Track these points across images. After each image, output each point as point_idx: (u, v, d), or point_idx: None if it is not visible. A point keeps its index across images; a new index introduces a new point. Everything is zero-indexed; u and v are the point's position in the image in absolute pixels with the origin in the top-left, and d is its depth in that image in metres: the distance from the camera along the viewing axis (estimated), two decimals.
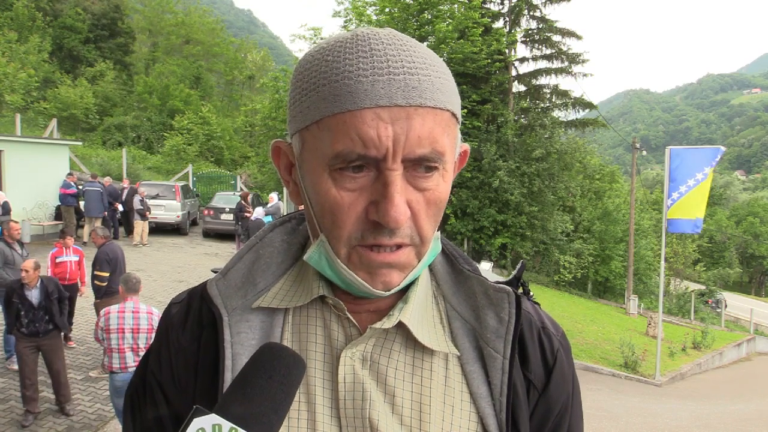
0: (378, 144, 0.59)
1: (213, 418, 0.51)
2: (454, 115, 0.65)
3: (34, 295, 5.37)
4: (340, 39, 0.65)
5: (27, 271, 5.36)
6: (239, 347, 0.71)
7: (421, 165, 0.62)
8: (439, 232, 0.71)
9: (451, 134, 0.64)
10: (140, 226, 15.10)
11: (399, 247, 0.64)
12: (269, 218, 13.24)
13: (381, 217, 0.61)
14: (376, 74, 0.60)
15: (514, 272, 0.81)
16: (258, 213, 13.45)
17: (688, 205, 10.66)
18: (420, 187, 0.63)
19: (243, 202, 14.92)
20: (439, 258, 0.79)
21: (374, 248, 0.64)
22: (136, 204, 14.92)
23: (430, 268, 0.79)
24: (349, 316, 0.71)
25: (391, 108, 0.59)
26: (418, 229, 0.64)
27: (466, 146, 0.74)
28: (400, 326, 0.71)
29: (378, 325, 0.70)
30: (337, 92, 0.60)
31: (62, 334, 5.79)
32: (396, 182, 0.60)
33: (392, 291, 0.67)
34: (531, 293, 0.83)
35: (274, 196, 15.03)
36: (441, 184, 0.65)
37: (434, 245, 0.70)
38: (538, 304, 0.82)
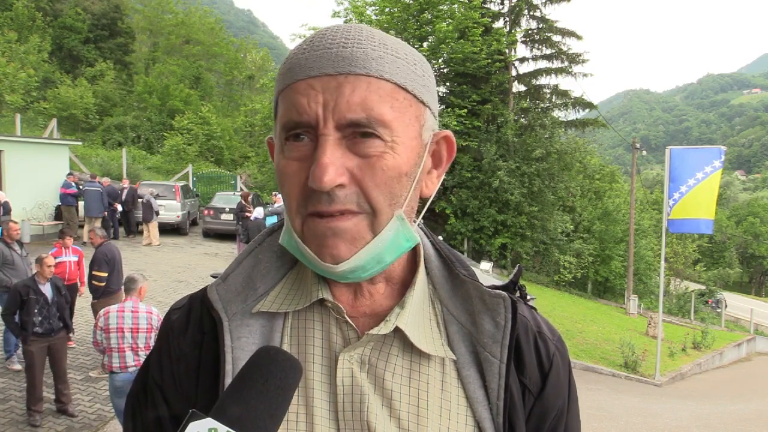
0: (308, 110, 0.63)
1: (209, 422, 0.51)
2: (403, 89, 0.65)
3: (47, 290, 5.38)
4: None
5: (52, 265, 5.40)
6: (240, 352, 0.72)
7: (357, 131, 0.63)
8: (402, 210, 0.67)
9: (399, 108, 0.65)
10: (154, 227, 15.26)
11: (343, 213, 0.64)
12: (273, 218, 13.20)
13: (311, 181, 0.62)
14: (312, 50, 0.65)
15: (510, 276, 0.81)
16: (258, 213, 13.43)
17: (690, 205, 10.63)
18: (361, 153, 0.64)
19: (243, 201, 14.92)
20: (435, 262, 0.79)
21: (320, 216, 0.64)
22: (155, 204, 15.07)
23: (427, 271, 0.78)
24: (348, 319, 0.71)
25: (321, 77, 0.63)
26: (365, 195, 0.64)
27: (448, 132, 0.74)
28: (397, 331, 0.71)
29: (374, 331, 0.70)
30: (283, 71, 0.67)
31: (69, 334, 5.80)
32: (324, 145, 0.62)
33: (344, 267, 0.64)
34: (528, 297, 0.83)
35: (279, 197, 14.93)
36: (389, 154, 0.64)
37: (401, 227, 0.67)
38: (535, 308, 0.82)
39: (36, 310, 5.27)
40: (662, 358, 12.53)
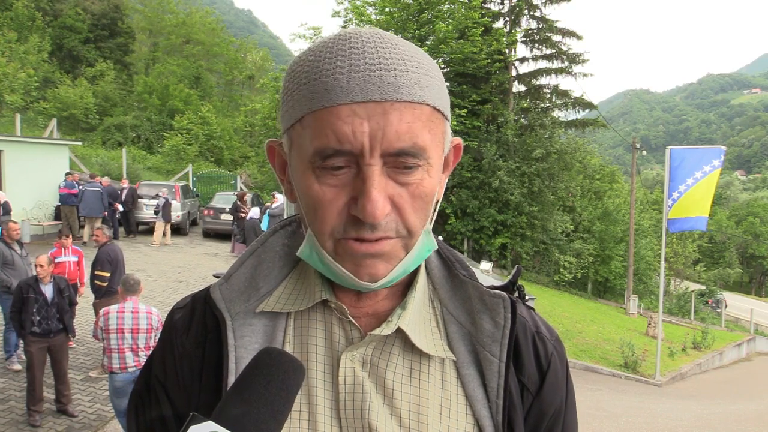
0: (353, 139, 0.60)
1: (210, 426, 0.50)
2: (437, 110, 0.65)
3: (48, 291, 5.37)
4: (325, 40, 0.66)
5: (42, 266, 5.38)
6: (243, 351, 0.72)
7: (401, 160, 0.62)
8: (430, 226, 0.71)
9: (434, 129, 0.65)
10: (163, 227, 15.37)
11: (383, 238, 0.65)
12: (278, 218, 13.15)
13: (359, 213, 0.62)
14: (352, 71, 0.61)
15: (509, 277, 0.82)
16: (254, 213, 13.38)
17: (688, 203, 10.63)
18: (403, 182, 0.64)
19: (239, 202, 14.89)
20: (436, 262, 0.80)
21: (357, 240, 0.65)
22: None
23: (427, 272, 0.79)
24: (351, 319, 0.72)
25: (367, 104, 0.60)
26: (404, 222, 0.65)
27: (458, 140, 0.75)
28: (399, 331, 0.72)
29: (377, 331, 0.71)
30: (315, 90, 0.62)
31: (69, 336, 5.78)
32: (373, 177, 0.61)
33: (380, 283, 0.66)
34: (527, 297, 0.83)
35: (279, 197, 14.78)
36: (426, 179, 0.65)
37: (426, 240, 0.70)
38: (533, 309, 0.83)
39: (34, 310, 5.26)
40: (662, 358, 12.53)
